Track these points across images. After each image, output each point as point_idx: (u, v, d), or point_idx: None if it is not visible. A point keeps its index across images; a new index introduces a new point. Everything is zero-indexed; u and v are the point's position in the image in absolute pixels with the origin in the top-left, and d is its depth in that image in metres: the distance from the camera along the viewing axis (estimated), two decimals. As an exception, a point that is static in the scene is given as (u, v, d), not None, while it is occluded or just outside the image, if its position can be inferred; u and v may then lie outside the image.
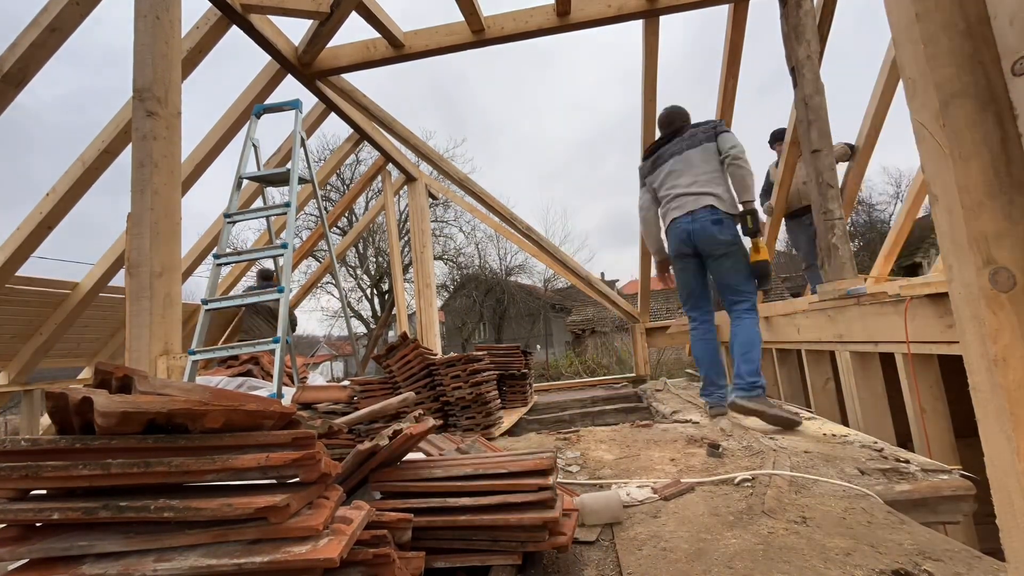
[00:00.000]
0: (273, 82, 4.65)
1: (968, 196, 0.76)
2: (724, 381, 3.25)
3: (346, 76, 4.69)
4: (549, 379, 13.81)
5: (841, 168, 4.71)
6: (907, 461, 2.01)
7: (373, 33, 4.17)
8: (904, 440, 2.89)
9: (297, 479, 1.00)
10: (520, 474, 1.35)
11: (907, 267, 17.63)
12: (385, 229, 15.84)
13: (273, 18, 3.94)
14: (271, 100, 4.68)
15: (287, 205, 3.67)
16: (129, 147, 2.96)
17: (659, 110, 3.59)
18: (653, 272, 4.14)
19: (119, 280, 5.34)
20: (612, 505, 1.67)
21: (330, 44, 4.20)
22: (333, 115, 5.34)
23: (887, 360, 3.10)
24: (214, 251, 3.56)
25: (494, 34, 4.17)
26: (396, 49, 4.26)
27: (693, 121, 3.41)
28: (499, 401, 3.92)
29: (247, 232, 21.74)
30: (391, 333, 17.87)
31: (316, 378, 5.52)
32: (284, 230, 4.39)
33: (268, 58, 4.28)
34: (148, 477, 0.92)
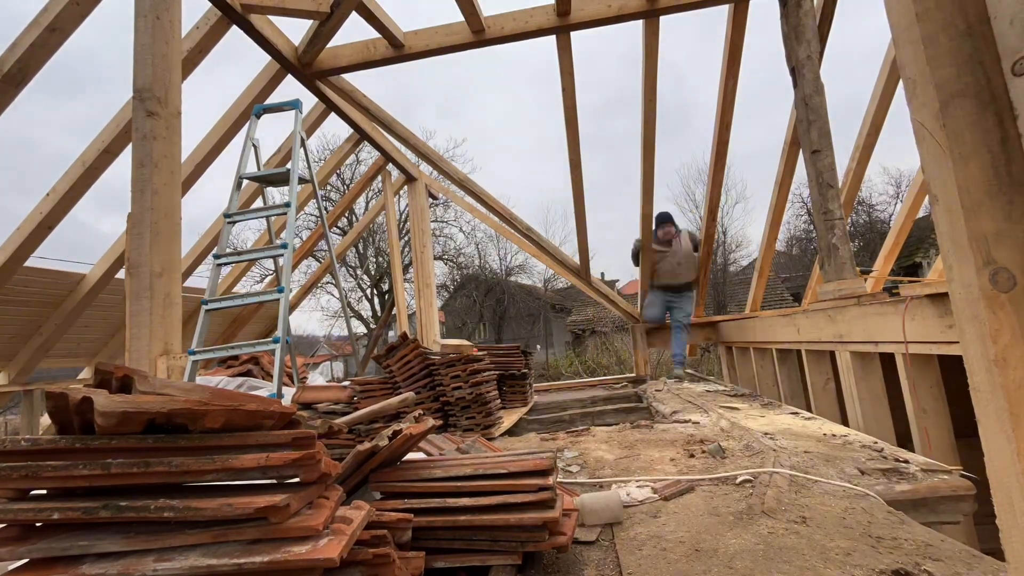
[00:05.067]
0: (273, 82, 4.65)
1: (968, 196, 0.76)
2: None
3: (346, 76, 4.70)
4: (549, 379, 13.80)
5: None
6: (907, 461, 2.01)
7: (373, 33, 4.17)
8: (904, 440, 2.89)
9: (297, 479, 1.00)
10: (520, 474, 1.35)
11: (907, 267, 17.65)
12: (385, 229, 15.84)
13: (273, 18, 3.94)
14: (271, 100, 4.68)
15: (287, 205, 3.67)
16: (129, 147, 2.96)
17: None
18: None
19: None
20: (612, 505, 1.67)
21: (330, 44, 4.19)
22: (333, 115, 5.34)
23: (887, 360, 3.10)
24: (214, 251, 3.56)
25: (494, 34, 4.16)
26: (396, 49, 4.26)
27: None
28: (499, 401, 3.92)
29: (247, 232, 21.75)
30: (391, 333, 17.86)
31: (316, 378, 5.52)
32: (284, 230, 4.39)
33: (268, 58, 4.28)
34: (148, 477, 0.92)
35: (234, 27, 3.80)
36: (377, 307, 20.42)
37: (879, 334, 2.92)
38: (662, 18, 4.18)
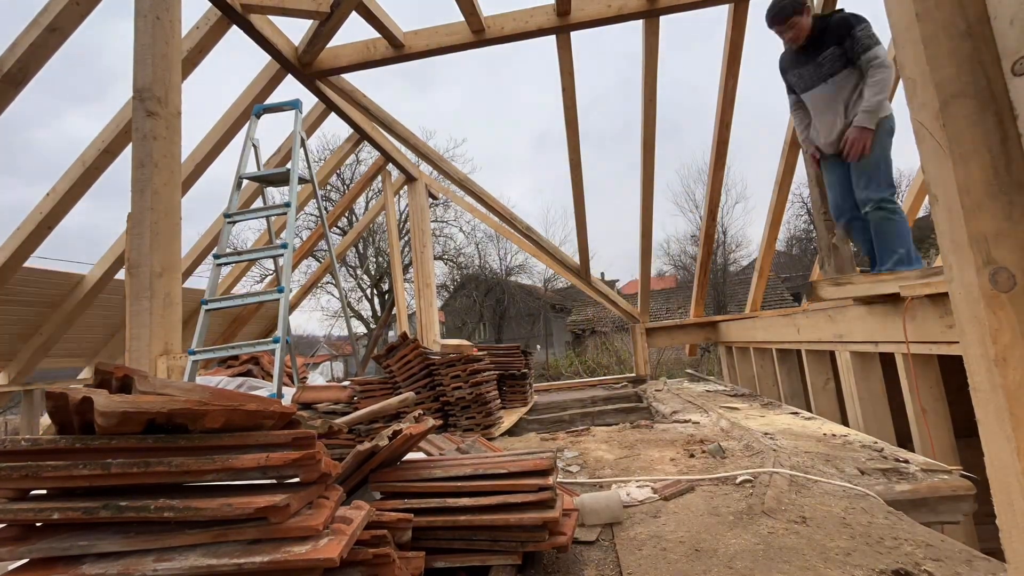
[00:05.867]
0: (273, 82, 4.65)
1: (968, 196, 0.76)
2: None
3: (346, 76, 4.70)
4: (549, 379, 13.81)
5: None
6: (907, 461, 2.01)
7: (373, 33, 4.17)
8: (904, 440, 2.89)
9: (297, 479, 1.00)
10: (520, 474, 1.35)
11: (907, 267, 17.60)
12: (385, 229, 15.84)
13: (273, 18, 3.93)
14: (271, 100, 4.68)
15: (287, 205, 3.67)
16: (129, 147, 2.96)
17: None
18: (654, 272, 4.12)
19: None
20: (612, 505, 1.67)
21: (330, 44, 4.19)
22: (333, 115, 5.34)
23: (887, 360, 3.10)
24: (214, 251, 3.57)
25: (494, 34, 4.16)
26: (396, 49, 4.26)
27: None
28: (499, 401, 3.92)
29: (247, 232, 21.76)
30: (391, 333, 17.88)
31: (316, 378, 5.53)
32: (284, 230, 4.39)
33: (268, 58, 4.28)
34: (148, 477, 0.92)
35: (234, 27, 3.80)
36: (377, 307, 20.42)
37: (879, 334, 2.92)
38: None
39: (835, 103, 3.11)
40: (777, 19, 3.09)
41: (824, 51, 3.06)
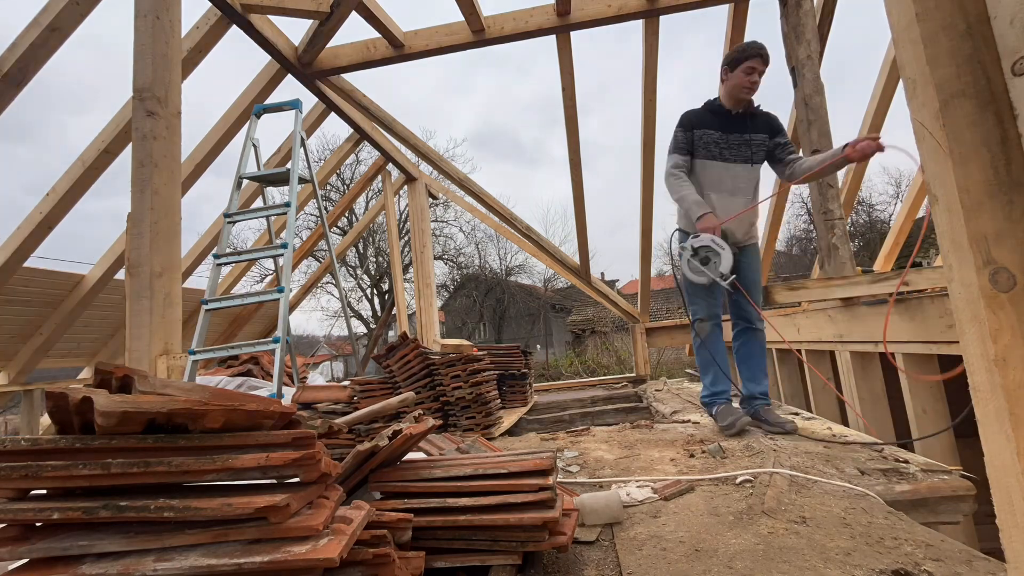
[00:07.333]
0: (273, 82, 4.65)
1: (968, 196, 0.76)
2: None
3: (346, 76, 4.70)
4: (549, 379, 13.80)
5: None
6: (907, 461, 2.01)
7: (373, 33, 4.17)
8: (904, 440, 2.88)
9: (297, 479, 1.00)
10: (520, 474, 1.35)
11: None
12: (385, 229, 15.84)
13: (273, 18, 3.94)
14: (271, 100, 4.68)
15: (287, 205, 3.67)
16: (129, 147, 2.96)
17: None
18: (654, 272, 4.08)
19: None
20: (612, 505, 1.67)
21: (330, 44, 4.20)
22: (333, 115, 5.34)
23: (887, 360, 3.10)
24: (214, 251, 3.57)
25: (494, 34, 4.17)
26: (396, 49, 4.26)
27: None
28: (499, 401, 3.92)
29: (247, 232, 21.77)
30: (391, 333, 17.88)
31: (316, 378, 5.52)
32: (284, 230, 4.39)
33: (268, 58, 4.28)
34: (148, 477, 0.92)
35: (234, 27, 3.80)
36: (377, 307, 20.42)
37: (879, 334, 2.92)
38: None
39: (748, 188, 2.88)
40: (765, 59, 2.79)
41: (756, 133, 2.87)
